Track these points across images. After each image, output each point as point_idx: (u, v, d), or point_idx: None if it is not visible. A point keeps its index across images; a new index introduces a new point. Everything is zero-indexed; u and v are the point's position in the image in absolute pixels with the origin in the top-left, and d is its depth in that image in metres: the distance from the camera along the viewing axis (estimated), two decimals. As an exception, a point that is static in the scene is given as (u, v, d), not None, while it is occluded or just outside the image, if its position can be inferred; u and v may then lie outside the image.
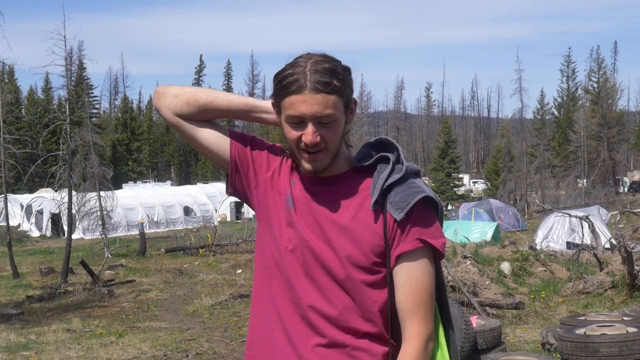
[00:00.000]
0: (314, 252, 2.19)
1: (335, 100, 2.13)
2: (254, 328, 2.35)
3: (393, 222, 2.16)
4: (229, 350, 10.34)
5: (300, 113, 2.12)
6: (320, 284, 2.19)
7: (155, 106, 2.41)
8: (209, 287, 17.14)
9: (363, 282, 2.17)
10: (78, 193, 23.81)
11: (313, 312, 2.18)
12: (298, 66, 2.14)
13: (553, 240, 23.35)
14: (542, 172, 56.92)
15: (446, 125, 74.10)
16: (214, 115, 2.38)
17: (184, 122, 2.36)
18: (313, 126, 2.13)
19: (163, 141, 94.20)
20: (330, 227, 2.19)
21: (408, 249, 2.15)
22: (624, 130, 71.90)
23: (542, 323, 11.05)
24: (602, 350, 7.26)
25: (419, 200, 2.15)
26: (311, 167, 2.19)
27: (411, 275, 2.15)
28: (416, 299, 2.15)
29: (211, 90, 2.39)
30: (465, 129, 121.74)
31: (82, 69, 73.46)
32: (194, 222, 41.41)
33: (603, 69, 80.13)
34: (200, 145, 2.39)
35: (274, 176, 2.32)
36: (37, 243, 33.66)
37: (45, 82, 78.39)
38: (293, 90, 2.12)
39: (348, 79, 2.19)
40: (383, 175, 2.19)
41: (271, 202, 2.30)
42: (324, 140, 2.15)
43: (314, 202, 2.23)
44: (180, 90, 2.37)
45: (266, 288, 2.28)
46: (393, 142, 2.28)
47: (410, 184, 2.19)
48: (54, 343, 11.13)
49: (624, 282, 12.52)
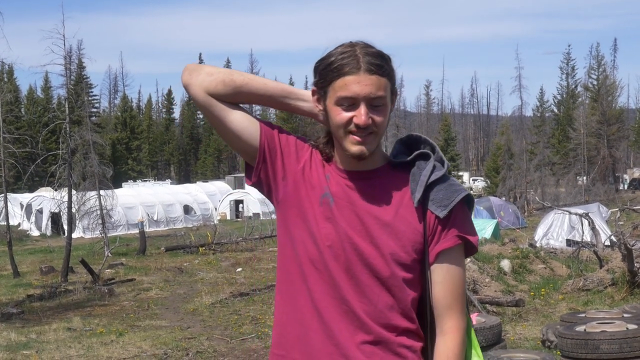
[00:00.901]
0: (357, 249, 2.16)
1: (386, 83, 2.14)
2: (284, 326, 2.27)
3: (434, 218, 2.17)
4: (229, 349, 10.35)
5: (354, 93, 2.10)
6: (361, 281, 2.16)
7: (185, 83, 2.27)
8: (209, 285, 17.16)
9: (404, 280, 2.17)
10: (78, 192, 23.80)
11: (357, 308, 2.16)
12: (346, 50, 2.13)
13: (553, 237, 23.35)
14: (541, 169, 56.93)
15: (446, 123, 74.17)
16: (247, 99, 2.29)
17: (215, 102, 2.25)
18: (365, 107, 2.11)
19: (162, 140, 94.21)
20: (373, 223, 2.17)
21: (449, 246, 2.17)
22: (624, 127, 71.87)
23: (542, 320, 11.05)
24: (603, 347, 7.27)
25: (461, 198, 2.18)
26: (358, 150, 2.14)
27: (450, 271, 2.18)
28: (454, 294, 2.19)
29: (246, 73, 2.32)
30: (465, 127, 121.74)
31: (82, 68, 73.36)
32: (194, 221, 41.41)
33: (603, 66, 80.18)
34: (228, 129, 2.27)
35: (305, 168, 2.26)
36: (37, 242, 33.65)
37: (44, 81, 78.50)
38: (346, 71, 2.10)
39: (393, 65, 2.19)
40: (425, 172, 2.20)
41: (304, 195, 2.24)
42: (374, 123, 2.13)
43: (353, 197, 2.20)
44: (215, 69, 2.27)
45: (299, 286, 2.22)
46: (426, 138, 2.29)
47: (451, 182, 2.22)
48: (54, 342, 11.14)
49: (624, 280, 12.52)
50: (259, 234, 28.46)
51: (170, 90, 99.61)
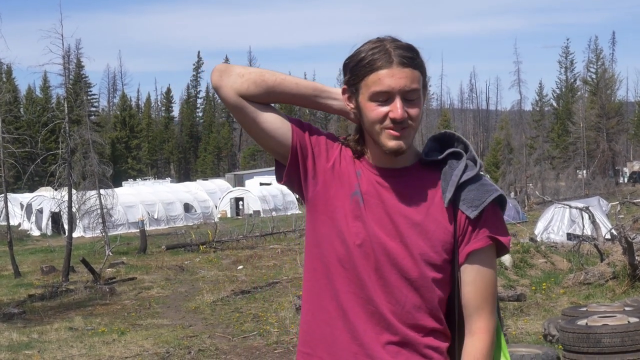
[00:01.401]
0: (386, 249, 2.14)
1: (419, 75, 2.12)
2: (310, 325, 2.26)
3: (465, 219, 2.15)
4: (231, 347, 10.35)
5: (389, 87, 2.08)
6: (389, 281, 2.14)
7: (215, 85, 2.22)
8: (210, 283, 17.16)
9: (433, 280, 2.15)
10: (78, 191, 23.82)
11: (384, 308, 2.14)
12: (376, 45, 2.11)
13: (553, 231, 23.36)
14: (541, 163, 56.98)
15: (445, 119, 74.25)
16: (279, 99, 2.27)
17: (247, 104, 2.21)
18: (400, 101, 2.09)
19: (162, 138, 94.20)
20: (403, 223, 2.15)
21: (480, 247, 2.15)
22: (623, 120, 71.96)
23: (544, 315, 11.05)
24: (604, 340, 7.27)
25: (494, 199, 2.16)
26: (396, 145, 2.11)
27: (480, 271, 2.16)
28: (485, 295, 2.17)
29: (278, 72, 2.28)
30: (464, 122, 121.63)
31: (80, 67, 73.43)
32: (194, 219, 41.43)
33: (601, 59, 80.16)
34: (260, 130, 2.23)
35: (335, 166, 2.23)
36: (37, 242, 33.67)
37: (43, 80, 78.45)
38: (379, 65, 2.08)
39: (423, 61, 2.18)
40: (457, 171, 2.17)
41: (334, 193, 2.21)
42: (410, 117, 2.11)
43: (384, 195, 2.18)
44: (246, 70, 2.23)
45: (325, 284, 2.20)
46: (459, 136, 2.26)
47: (483, 182, 2.19)
48: (56, 341, 11.14)
49: (625, 273, 12.52)
50: (259, 231, 28.49)
51: (169, 88, 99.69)
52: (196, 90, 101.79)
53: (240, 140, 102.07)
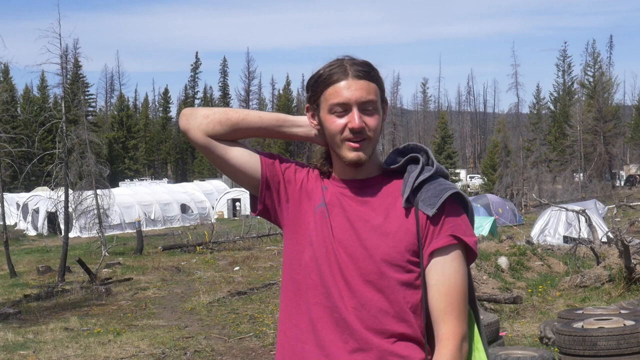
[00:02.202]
0: (348, 253, 2.18)
1: (375, 88, 2.18)
2: (282, 345, 2.30)
3: (426, 219, 2.15)
4: (227, 348, 10.34)
5: (346, 99, 2.15)
6: (353, 286, 2.16)
7: (183, 128, 2.34)
8: (206, 284, 17.14)
9: (397, 281, 2.14)
10: (74, 191, 23.78)
11: (348, 315, 2.15)
12: (333, 63, 2.21)
13: (550, 234, 23.38)
14: (538, 166, 56.90)
15: (442, 121, 74.15)
16: (246, 134, 2.35)
17: (215, 143, 2.31)
18: (358, 111, 2.15)
19: (159, 139, 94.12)
20: (363, 226, 2.19)
21: (441, 245, 2.13)
22: (620, 124, 71.95)
23: (540, 317, 11.06)
24: (600, 343, 7.28)
25: (450, 196, 2.15)
26: (356, 156, 2.18)
27: (444, 273, 2.13)
28: (450, 299, 2.13)
29: (241, 109, 2.38)
30: (462, 124, 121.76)
31: (78, 67, 73.47)
32: (191, 220, 41.40)
33: (599, 63, 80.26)
34: (230, 165, 2.34)
35: (303, 184, 2.32)
36: (33, 242, 33.61)
37: (40, 80, 78.30)
38: (336, 79, 2.17)
39: (382, 79, 2.24)
40: (414, 174, 2.20)
41: (304, 209, 2.29)
42: (368, 127, 2.17)
43: (346, 203, 2.23)
44: (210, 111, 2.34)
45: (296, 302, 2.25)
46: (422, 146, 2.30)
47: (441, 182, 2.20)
48: (51, 342, 11.12)
49: (621, 276, 12.54)
50: (256, 232, 28.48)
51: (167, 88, 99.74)
52: (194, 91, 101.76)
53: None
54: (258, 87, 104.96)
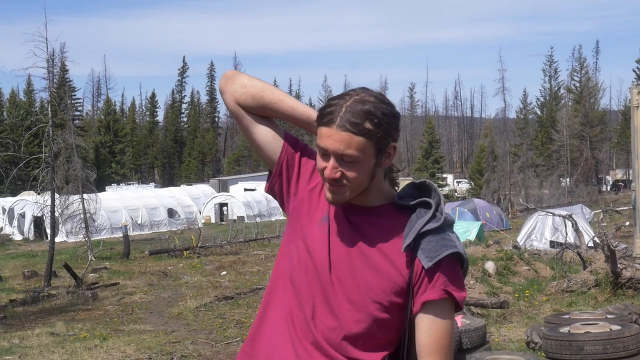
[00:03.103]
0: (337, 276, 2.19)
1: (361, 142, 2.11)
2: (257, 328, 2.33)
3: (421, 268, 2.16)
4: (213, 352, 10.31)
5: (325, 146, 2.13)
6: (333, 308, 2.19)
7: (220, 88, 2.39)
8: (193, 289, 17.10)
9: (376, 319, 2.18)
10: (61, 196, 23.66)
11: (317, 332, 2.20)
12: (341, 99, 2.15)
13: (537, 239, 23.45)
14: (525, 171, 57.17)
15: (430, 126, 74.28)
16: (274, 116, 2.39)
17: (244, 113, 2.36)
18: (335, 162, 2.13)
19: (146, 143, 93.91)
20: (358, 256, 2.19)
21: (434, 298, 2.15)
22: (606, 129, 72.37)
23: (527, 322, 11.09)
24: (587, 348, 7.30)
25: (449, 254, 2.15)
26: (330, 198, 2.19)
27: (436, 322, 2.17)
28: (438, 345, 2.16)
29: (279, 91, 2.37)
30: (449, 129, 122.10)
31: (65, 71, 73.10)
32: (178, 224, 41.28)
33: (585, 68, 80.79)
34: (253, 139, 2.39)
35: (316, 190, 2.31)
36: (19, 246, 33.45)
37: (27, 84, 77.92)
38: (325, 122, 2.13)
39: (387, 124, 2.16)
40: (421, 220, 2.18)
41: (306, 214, 2.30)
42: (345, 177, 2.14)
43: (347, 228, 2.23)
44: (250, 81, 2.36)
45: (280, 295, 2.28)
46: (435, 188, 2.27)
47: (445, 236, 2.18)
48: (37, 347, 11.06)
49: (607, 281, 12.58)
50: (243, 237, 28.45)
51: (154, 93, 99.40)
52: (181, 95, 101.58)
53: (224, 145, 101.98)
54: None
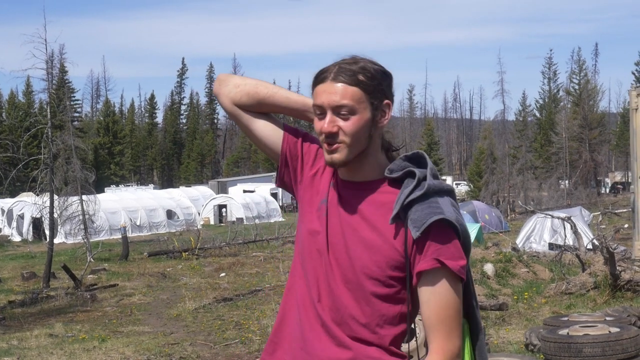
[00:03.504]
0: (335, 257, 2.21)
1: (355, 91, 2.15)
2: (281, 318, 2.37)
3: (413, 240, 2.14)
4: (212, 354, 10.31)
5: (320, 102, 2.17)
6: (334, 290, 2.21)
7: (215, 92, 2.45)
8: (192, 290, 17.08)
9: (374, 294, 2.17)
10: (60, 197, 23.64)
11: (324, 313, 2.21)
12: (333, 63, 2.21)
13: (535, 241, 23.45)
14: (524, 173, 57.19)
15: (429, 128, 74.41)
16: (271, 110, 2.43)
17: (241, 112, 2.41)
18: (332, 115, 2.16)
19: (145, 144, 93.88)
20: (351, 235, 2.20)
21: (426, 268, 2.13)
22: (605, 131, 72.34)
23: (526, 324, 11.08)
24: (585, 350, 7.30)
25: (437, 221, 2.12)
26: (328, 159, 2.20)
27: (434, 292, 2.14)
28: (440, 316, 2.14)
29: (272, 85, 2.43)
30: (448, 131, 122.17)
31: (64, 73, 73.15)
32: (177, 226, 41.25)
33: (584, 70, 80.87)
34: (254, 136, 2.44)
35: (317, 175, 2.35)
36: (18, 248, 33.41)
37: (26, 85, 77.93)
38: (319, 80, 2.18)
39: (380, 79, 2.21)
40: (406, 191, 2.17)
41: (308, 200, 2.34)
42: (342, 132, 2.16)
43: (341, 207, 2.24)
44: (242, 80, 2.42)
45: (297, 281, 2.32)
46: (425, 159, 2.27)
47: (431, 203, 2.15)
48: (36, 348, 11.05)
49: (606, 283, 12.58)
50: (242, 238, 28.42)
51: (153, 94, 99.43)
52: (180, 97, 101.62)
53: (223, 147, 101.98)
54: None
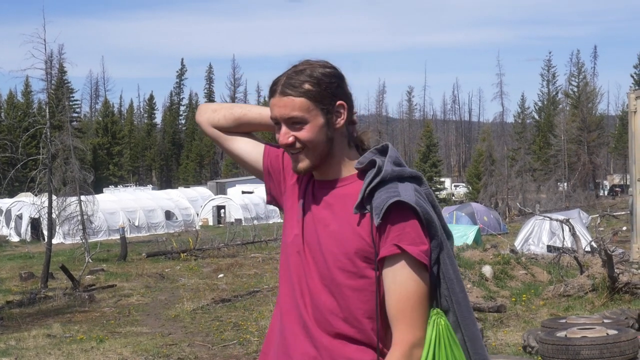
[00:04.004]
0: (312, 255, 2.24)
1: (303, 102, 2.20)
2: (271, 325, 2.42)
3: (376, 227, 2.14)
4: (210, 355, 10.30)
5: (274, 116, 2.25)
6: (311, 287, 2.23)
7: (197, 121, 2.60)
8: (190, 291, 17.08)
9: (348, 287, 2.17)
10: (58, 197, 23.63)
11: (307, 315, 2.22)
12: (282, 73, 2.28)
13: (534, 243, 23.44)
14: (523, 175, 57.17)
15: (428, 129, 74.33)
16: (249, 128, 2.54)
17: (220, 134, 2.54)
18: (285, 127, 2.23)
19: (144, 145, 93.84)
20: (323, 231, 2.23)
21: (386, 255, 2.13)
22: (604, 134, 72.39)
23: (524, 326, 11.08)
24: (583, 352, 7.30)
25: (394, 204, 2.12)
26: (294, 167, 2.27)
27: (395, 281, 2.13)
28: (400, 305, 2.12)
29: (247, 104, 2.58)
30: (447, 133, 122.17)
31: (63, 73, 73.01)
32: (176, 227, 41.24)
33: (583, 73, 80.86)
34: (235, 155, 2.56)
35: (296, 182, 2.39)
36: (16, 248, 33.38)
37: (25, 85, 77.86)
38: (270, 93, 2.26)
39: (328, 83, 2.23)
40: (367, 180, 2.19)
41: (289, 208, 2.39)
42: (299, 141, 2.22)
43: (315, 205, 2.29)
44: (219, 106, 2.58)
45: (281, 289, 2.37)
46: (387, 147, 2.28)
47: (389, 188, 2.16)
48: (34, 348, 11.04)
49: (604, 285, 12.58)
50: (240, 239, 28.43)
51: (152, 95, 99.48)
52: (179, 98, 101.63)
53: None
54: (244, 94, 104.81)
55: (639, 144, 14.85)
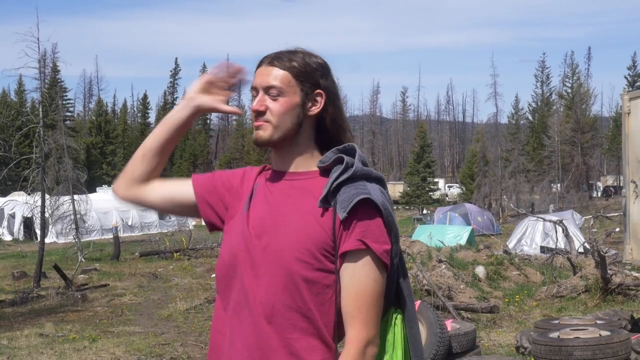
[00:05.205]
0: (262, 245, 2.18)
1: (285, 75, 2.23)
2: (212, 337, 2.35)
3: (340, 221, 2.14)
4: (203, 355, 10.28)
5: (254, 83, 2.27)
6: (262, 279, 2.16)
7: (117, 196, 2.49)
8: (183, 291, 17.06)
9: (304, 279, 2.13)
10: (51, 196, 23.57)
11: (256, 307, 2.16)
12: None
13: (527, 244, 23.50)
14: (516, 176, 57.25)
15: (422, 130, 74.35)
16: (164, 152, 2.45)
17: (138, 191, 2.43)
18: (262, 95, 2.25)
19: (138, 144, 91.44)
20: (281, 220, 2.19)
21: (350, 249, 2.12)
22: (598, 135, 72.56)
23: (517, 327, 11.10)
24: (576, 353, 7.32)
25: (363, 201, 2.12)
26: (255, 134, 2.25)
27: (354, 277, 2.12)
28: (357, 302, 2.11)
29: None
30: (441, 134, 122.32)
31: (56, 72, 72.89)
32: (169, 226, 41.19)
33: (577, 74, 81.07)
34: (167, 201, 2.45)
35: (235, 188, 2.38)
36: (9, 247, 33.31)
37: (18, 84, 77.76)
38: (258, 65, 2.29)
39: (314, 69, 2.26)
40: (334, 175, 2.19)
41: (233, 212, 2.34)
42: (270, 111, 2.23)
43: (270, 196, 2.26)
44: (128, 164, 2.48)
45: (219, 297, 2.30)
46: (355, 149, 2.26)
47: (358, 186, 2.16)
48: (26, 348, 11.01)
49: (597, 286, 12.62)
50: (234, 239, 28.36)
51: (146, 94, 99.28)
52: (173, 97, 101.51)
53: (216, 148, 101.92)
54: (237, 94, 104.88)
55: (632, 145, 14.86)
